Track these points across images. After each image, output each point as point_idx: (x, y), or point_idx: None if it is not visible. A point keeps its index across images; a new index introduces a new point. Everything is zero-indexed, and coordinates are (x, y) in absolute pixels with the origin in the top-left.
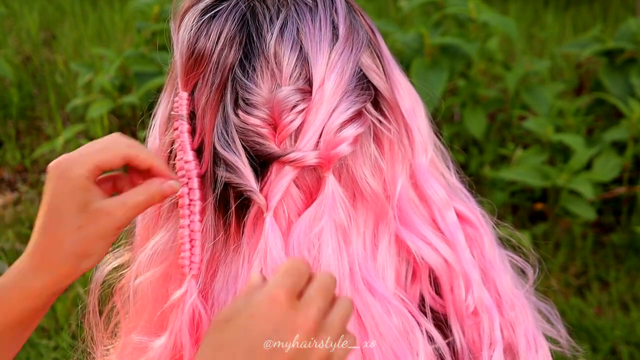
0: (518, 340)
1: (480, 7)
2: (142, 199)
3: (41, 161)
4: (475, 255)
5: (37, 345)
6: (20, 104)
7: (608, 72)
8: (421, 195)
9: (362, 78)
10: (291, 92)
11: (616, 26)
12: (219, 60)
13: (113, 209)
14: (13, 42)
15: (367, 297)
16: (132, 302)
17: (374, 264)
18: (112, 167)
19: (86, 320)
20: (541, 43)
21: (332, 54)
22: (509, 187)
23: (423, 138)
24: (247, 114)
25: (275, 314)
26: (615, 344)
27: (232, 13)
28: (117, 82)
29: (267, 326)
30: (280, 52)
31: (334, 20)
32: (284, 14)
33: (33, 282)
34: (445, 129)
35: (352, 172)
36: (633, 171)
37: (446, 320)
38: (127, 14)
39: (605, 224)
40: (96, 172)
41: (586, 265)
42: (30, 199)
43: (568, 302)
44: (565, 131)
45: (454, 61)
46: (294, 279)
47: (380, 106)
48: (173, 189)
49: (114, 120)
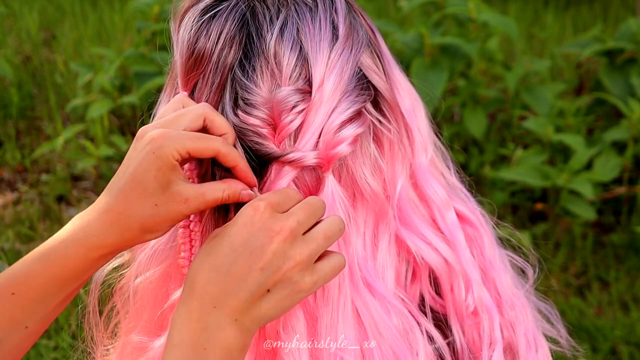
0: (518, 340)
1: (480, 7)
2: (219, 197)
3: (41, 161)
4: (475, 255)
5: (37, 345)
6: (20, 104)
7: (608, 72)
8: (421, 195)
9: (362, 78)
10: (291, 92)
11: (616, 26)
12: (219, 60)
13: (190, 197)
14: (13, 42)
15: (367, 296)
16: (132, 302)
17: (374, 263)
18: (202, 157)
19: (86, 320)
20: (541, 43)
21: (332, 54)
22: (509, 187)
23: (423, 138)
24: (246, 114)
25: (255, 220)
26: (615, 344)
27: (232, 13)
28: (117, 82)
29: (246, 229)
30: (280, 52)
31: (333, 20)
32: (284, 14)
33: (96, 240)
34: (445, 129)
35: (352, 172)
36: (633, 171)
37: (446, 320)
38: (127, 14)
39: (605, 224)
40: (186, 157)
41: (586, 265)
42: (30, 199)
43: (568, 302)
44: (566, 131)
45: (454, 61)
46: (279, 197)
47: (380, 106)
48: (250, 198)
49: (114, 120)
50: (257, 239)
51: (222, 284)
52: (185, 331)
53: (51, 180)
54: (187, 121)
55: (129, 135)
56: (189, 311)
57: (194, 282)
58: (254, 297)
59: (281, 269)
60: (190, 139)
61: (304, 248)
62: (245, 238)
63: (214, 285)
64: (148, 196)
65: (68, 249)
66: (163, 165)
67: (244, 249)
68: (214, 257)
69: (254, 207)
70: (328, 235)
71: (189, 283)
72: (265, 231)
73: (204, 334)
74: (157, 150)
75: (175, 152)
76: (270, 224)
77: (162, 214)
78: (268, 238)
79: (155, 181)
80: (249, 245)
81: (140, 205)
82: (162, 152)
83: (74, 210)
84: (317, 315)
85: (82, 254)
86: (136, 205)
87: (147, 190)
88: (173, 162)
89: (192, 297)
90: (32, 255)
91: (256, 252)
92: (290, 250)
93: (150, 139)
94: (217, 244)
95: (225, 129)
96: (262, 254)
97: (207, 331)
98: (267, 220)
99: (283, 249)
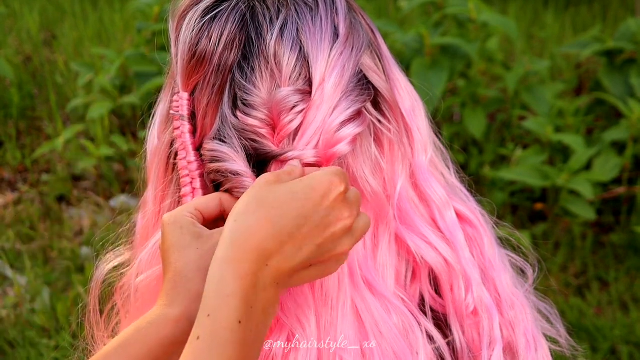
0: (518, 339)
1: (480, 7)
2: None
3: (41, 161)
4: (475, 254)
5: (37, 345)
6: (20, 104)
7: (608, 72)
8: (421, 194)
9: (363, 78)
10: (291, 93)
11: (616, 26)
12: (220, 62)
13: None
14: (13, 42)
15: (367, 296)
16: (133, 301)
17: (374, 263)
18: (209, 209)
19: (87, 319)
20: (541, 43)
21: (333, 53)
22: (508, 187)
23: (423, 138)
24: (245, 115)
25: (331, 197)
26: (615, 344)
27: (233, 14)
28: (117, 82)
29: (320, 200)
30: (280, 53)
31: (334, 20)
32: (284, 14)
33: (170, 312)
34: (445, 129)
35: (353, 171)
36: (633, 171)
37: (446, 320)
38: (128, 14)
39: (605, 224)
40: (197, 215)
41: (586, 265)
42: (30, 199)
43: (568, 302)
44: (565, 131)
45: (454, 61)
46: (352, 190)
47: (380, 106)
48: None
49: (114, 120)
50: (327, 216)
51: (281, 244)
52: (240, 284)
53: (52, 180)
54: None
55: (129, 136)
56: (243, 261)
57: (249, 229)
58: (300, 267)
59: (329, 254)
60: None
61: (351, 243)
62: (315, 209)
63: (272, 242)
64: (187, 248)
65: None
66: (184, 225)
67: (312, 220)
68: (281, 216)
69: (331, 182)
70: (364, 231)
71: (243, 230)
72: (337, 214)
73: (253, 291)
74: (175, 220)
75: (187, 212)
76: (343, 209)
77: (209, 251)
78: (336, 221)
79: (185, 237)
80: (317, 217)
81: (187, 257)
82: (178, 218)
83: (74, 210)
84: (317, 314)
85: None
86: (184, 261)
87: (183, 244)
88: (190, 220)
89: (247, 249)
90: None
91: (321, 227)
92: (345, 239)
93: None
94: (282, 199)
95: None
96: (324, 232)
97: (255, 290)
98: (341, 204)
99: (340, 237)
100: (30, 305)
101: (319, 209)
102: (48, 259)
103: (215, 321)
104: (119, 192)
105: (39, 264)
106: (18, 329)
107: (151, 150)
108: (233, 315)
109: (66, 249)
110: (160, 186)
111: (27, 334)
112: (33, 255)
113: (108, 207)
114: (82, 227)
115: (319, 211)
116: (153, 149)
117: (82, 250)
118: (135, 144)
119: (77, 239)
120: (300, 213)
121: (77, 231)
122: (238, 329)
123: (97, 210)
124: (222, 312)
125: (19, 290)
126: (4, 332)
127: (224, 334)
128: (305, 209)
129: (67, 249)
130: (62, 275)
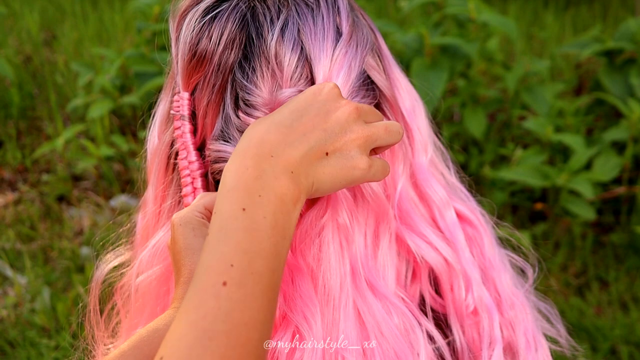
0: (518, 339)
1: (480, 7)
2: None
3: (42, 161)
4: (475, 254)
5: (37, 345)
6: (20, 104)
7: (608, 72)
8: (421, 194)
9: (367, 78)
10: (293, 93)
11: (616, 26)
12: (221, 62)
13: None
14: (13, 42)
15: (369, 296)
16: (134, 300)
17: (375, 263)
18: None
19: (87, 319)
20: (541, 43)
21: (336, 53)
22: (508, 187)
23: (423, 138)
24: (247, 115)
25: (324, 92)
26: (615, 344)
27: (233, 14)
28: (117, 82)
29: (313, 96)
30: (281, 53)
31: (336, 20)
32: (284, 14)
33: None
34: (445, 129)
35: None
36: (633, 171)
37: (446, 320)
38: (128, 14)
39: (605, 224)
40: (207, 214)
41: (586, 265)
42: (30, 199)
43: (568, 302)
44: (565, 131)
45: (454, 61)
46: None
47: (381, 106)
48: None
49: (114, 120)
50: (324, 104)
51: (283, 135)
52: (239, 177)
53: (52, 180)
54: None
55: (129, 135)
56: (244, 158)
57: (251, 134)
58: (312, 154)
59: (341, 138)
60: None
61: (365, 128)
62: (310, 103)
63: (273, 134)
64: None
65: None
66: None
67: (309, 109)
68: (276, 115)
69: (321, 84)
70: (389, 129)
71: (245, 137)
72: (334, 102)
73: (259, 182)
74: (184, 220)
75: (196, 211)
76: (338, 98)
77: None
78: (334, 106)
79: (196, 238)
80: (313, 109)
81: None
82: (187, 219)
83: (74, 210)
84: (322, 313)
85: None
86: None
87: (195, 245)
88: (200, 218)
89: (248, 147)
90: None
91: (321, 114)
92: (354, 124)
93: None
94: (280, 109)
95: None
96: (326, 117)
97: (262, 179)
98: (335, 96)
99: (347, 119)
100: (30, 305)
101: (314, 102)
102: (48, 259)
103: (219, 215)
104: (119, 192)
105: (39, 264)
106: (18, 328)
107: (151, 150)
108: (235, 204)
109: (66, 249)
110: (161, 186)
111: (27, 333)
112: (33, 255)
113: (108, 207)
114: (82, 227)
115: (313, 104)
116: (153, 149)
117: (82, 250)
118: (135, 144)
119: (77, 239)
120: (295, 108)
121: (77, 231)
122: (243, 216)
123: (97, 210)
124: (225, 205)
125: (19, 290)
126: (4, 332)
127: (229, 222)
128: (299, 104)
129: (67, 249)
130: (62, 275)
